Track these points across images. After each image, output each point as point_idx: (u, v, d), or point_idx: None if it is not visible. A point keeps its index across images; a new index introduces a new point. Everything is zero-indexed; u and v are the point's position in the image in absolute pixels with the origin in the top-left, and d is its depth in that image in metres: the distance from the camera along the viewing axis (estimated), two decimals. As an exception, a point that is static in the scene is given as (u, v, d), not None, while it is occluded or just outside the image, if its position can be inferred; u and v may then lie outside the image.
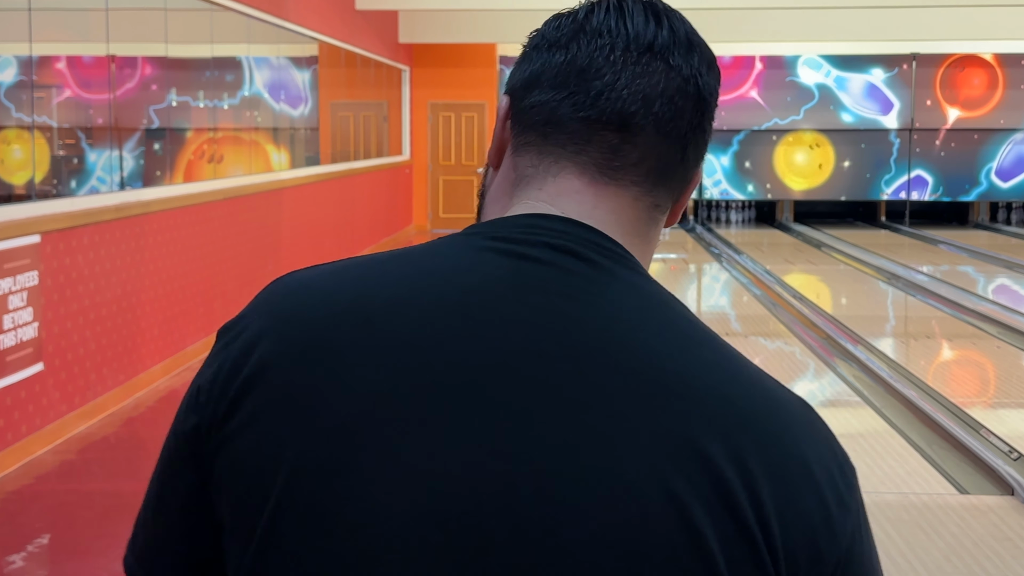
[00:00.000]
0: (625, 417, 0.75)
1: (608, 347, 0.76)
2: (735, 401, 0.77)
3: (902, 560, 3.49)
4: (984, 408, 5.57)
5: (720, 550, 0.74)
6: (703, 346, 0.79)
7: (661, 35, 0.83)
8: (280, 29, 8.89)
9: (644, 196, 0.84)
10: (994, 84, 15.03)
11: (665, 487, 0.73)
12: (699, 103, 0.84)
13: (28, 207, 5.07)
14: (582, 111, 0.82)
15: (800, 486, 0.78)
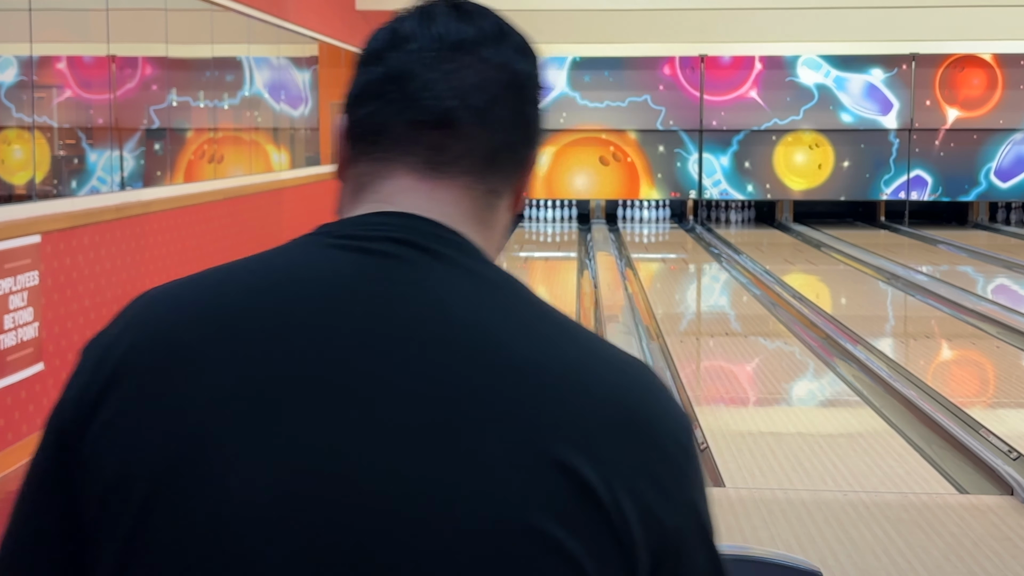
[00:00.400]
0: (471, 407, 0.77)
1: (453, 335, 0.80)
2: (582, 385, 0.80)
3: (901, 560, 3.50)
4: (984, 408, 5.58)
5: (579, 545, 0.76)
6: (546, 329, 0.83)
7: (468, 31, 0.88)
8: (280, 29, 8.89)
9: (477, 184, 0.87)
10: (993, 84, 15.04)
11: (518, 477, 0.76)
12: (517, 88, 0.89)
13: (28, 207, 5.08)
14: (403, 115, 0.86)
15: (651, 464, 0.80)
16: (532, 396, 0.79)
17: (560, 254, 12.87)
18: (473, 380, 0.78)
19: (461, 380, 0.78)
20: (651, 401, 0.83)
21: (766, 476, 4.38)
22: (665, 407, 0.84)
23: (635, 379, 0.84)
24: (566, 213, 15.85)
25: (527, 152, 0.91)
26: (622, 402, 0.81)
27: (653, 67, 15.10)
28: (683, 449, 0.83)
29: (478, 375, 0.79)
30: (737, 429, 5.13)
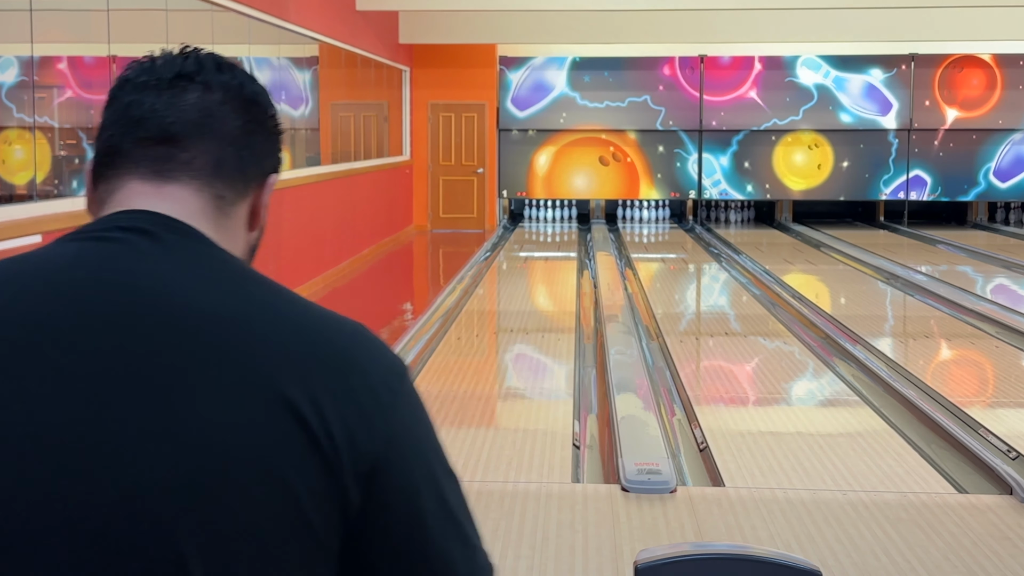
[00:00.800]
0: (191, 369, 0.90)
1: (161, 300, 0.92)
2: (291, 333, 0.94)
3: (901, 559, 3.51)
4: (983, 407, 5.59)
5: (292, 471, 0.90)
6: (262, 293, 0.96)
7: (189, 64, 1.04)
8: (281, 30, 8.90)
9: (204, 188, 1.02)
10: (992, 84, 15.05)
11: (243, 424, 0.89)
12: (240, 108, 1.04)
13: (29, 207, 5.09)
14: (131, 135, 1.02)
15: (356, 397, 0.93)
16: (243, 344, 0.91)
17: (560, 254, 12.88)
18: (183, 336, 0.91)
19: (169, 337, 0.91)
20: (359, 347, 0.96)
21: (766, 476, 4.39)
22: (373, 353, 0.97)
23: (346, 329, 0.97)
24: (566, 213, 15.86)
25: (255, 170, 1.06)
26: (331, 345, 0.95)
27: (653, 67, 15.11)
28: (388, 387, 0.96)
29: (187, 332, 0.91)
30: (737, 429, 5.14)
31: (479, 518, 1.02)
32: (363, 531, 0.94)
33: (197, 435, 0.88)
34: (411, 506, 0.96)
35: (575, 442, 4.90)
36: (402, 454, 0.96)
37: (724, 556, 1.65)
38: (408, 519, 0.96)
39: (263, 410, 0.90)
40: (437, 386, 5.96)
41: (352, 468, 0.92)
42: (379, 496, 0.94)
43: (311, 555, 0.92)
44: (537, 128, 15.21)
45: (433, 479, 0.98)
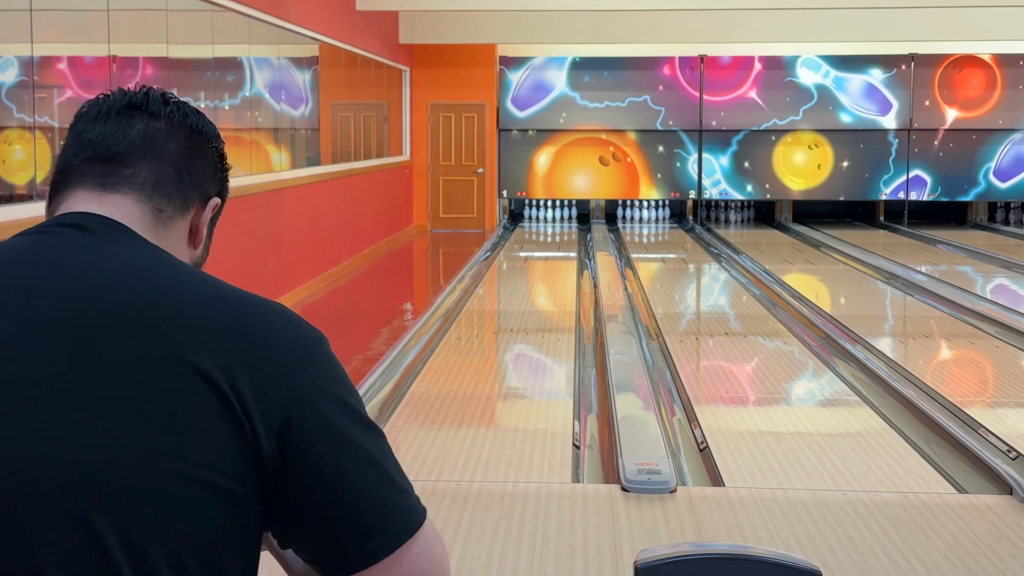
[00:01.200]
0: (107, 335, 1.03)
1: (95, 286, 1.06)
2: (206, 318, 1.06)
3: (901, 559, 3.51)
4: (983, 407, 5.59)
5: (202, 421, 1.03)
6: (187, 281, 1.10)
7: (137, 98, 1.20)
8: (281, 30, 8.90)
9: (145, 201, 1.17)
10: (992, 84, 15.05)
11: (166, 389, 1.02)
12: (187, 135, 1.21)
13: (30, 207, 5.09)
14: (80, 155, 1.17)
15: (265, 359, 1.06)
16: (167, 323, 1.05)
17: (560, 254, 12.88)
18: (104, 308, 1.05)
19: (92, 314, 1.05)
20: (272, 320, 1.10)
21: (765, 475, 4.39)
22: (286, 324, 1.11)
23: (262, 305, 1.11)
24: (566, 213, 15.86)
25: (194, 191, 1.21)
26: (242, 319, 1.08)
27: (653, 67, 15.12)
28: (299, 350, 1.09)
29: (108, 304, 1.05)
30: (736, 429, 5.14)
31: (479, 518, 1.03)
32: (285, 480, 1.07)
33: (108, 392, 1.01)
34: (328, 455, 1.07)
35: (575, 442, 4.90)
36: (314, 408, 1.07)
37: (724, 556, 1.65)
38: (326, 467, 1.07)
39: (171, 373, 1.03)
40: (437, 386, 5.96)
41: (264, 423, 1.05)
42: (294, 447, 1.06)
43: (226, 503, 1.04)
44: (537, 128, 15.21)
45: (347, 430, 1.09)
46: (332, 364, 1.12)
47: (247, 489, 1.06)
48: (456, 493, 4.09)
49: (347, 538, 1.09)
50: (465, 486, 4.18)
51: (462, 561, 3.47)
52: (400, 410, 5.39)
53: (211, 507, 1.04)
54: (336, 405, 1.10)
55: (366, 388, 5.76)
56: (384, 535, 1.09)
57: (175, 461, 1.02)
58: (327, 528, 1.09)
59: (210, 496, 1.03)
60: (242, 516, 1.06)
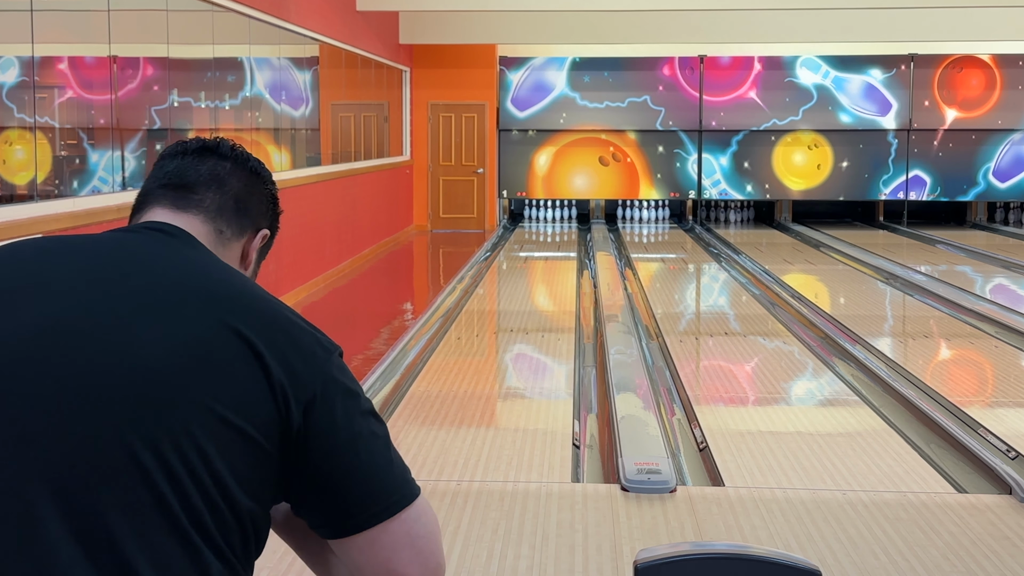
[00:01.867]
0: (173, 296, 1.29)
1: (163, 265, 1.33)
2: (254, 303, 1.31)
3: (900, 559, 3.52)
4: (982, 407, 5.60)
5: (243, 380, 1.26)
6: (241, 279, 1.36)
7: (210, 143, 1.50)
8: (281, 30, 8.91)
9: (209, 222, 1.44)
10: (992, 85, 15.06)
11: (217, 341, 1.26)
12: (248, 175, 1.50)
13: (30, 207, 5.10)
14: (159, 183, 1.46)
15: (295, 347, 1.30)
16: (230, 304, 1.29)
17: (560, 254, 12.89)
18: (175, 284, 1.31)
19: (167, 283, 1.31)
20: (302, 323, 1.34)
21: (765, 475, 4.40)
22: (313, 329, 1.34)
23: (295, 314, 1.34)
24: (566, 213, 15.87)
25: (248, 221, 1.48)
26: (280, 312, 1.32)
27: (652, 68, 15.12)
28: (324, 348, 1.32)
29: (178, 282, 1.31)
30: (736, 428, 5.15)
31: (479, 518, 1.04)
32: (307, 448, 1.28)
33: (173, 340, 1.25)
34: (345, 434, 1.29)
35: (575, 442, 4.91)
36: (334, 393, 1.30)
37: (724, 556, 1.65)
38: (342, 441, 1.29)
39: (224, 335, 1.26)
40: (437, 386, 5.97)
41: (294, 396, 1.27)
42: (317, 421, 1.28)
43: (250, 448, 1.25)
44: (537, 128, 15.22)
45: (361, 416, 1.32)
46: (347, 369, 1.34)
47: (270, 444, 1.26)
48: (456, 493, 4.10)
49: (353, 502, 1.29)
50: (465, 486, 4.19)
51: (462, 560, 3.48)
52: (400, 410, 5.40)
53: (237, 448, 1.24)
54: (352, 396, 1.32)
55: (366, 388, 5.77)
56: (386, 501, 1.30)
57: (208, 398, 1.23)
58: (338, 492, 1.29)
59: (236, 438, 1.24)
60: (264, 467, 1.27)
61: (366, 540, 1.31)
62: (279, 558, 3.50)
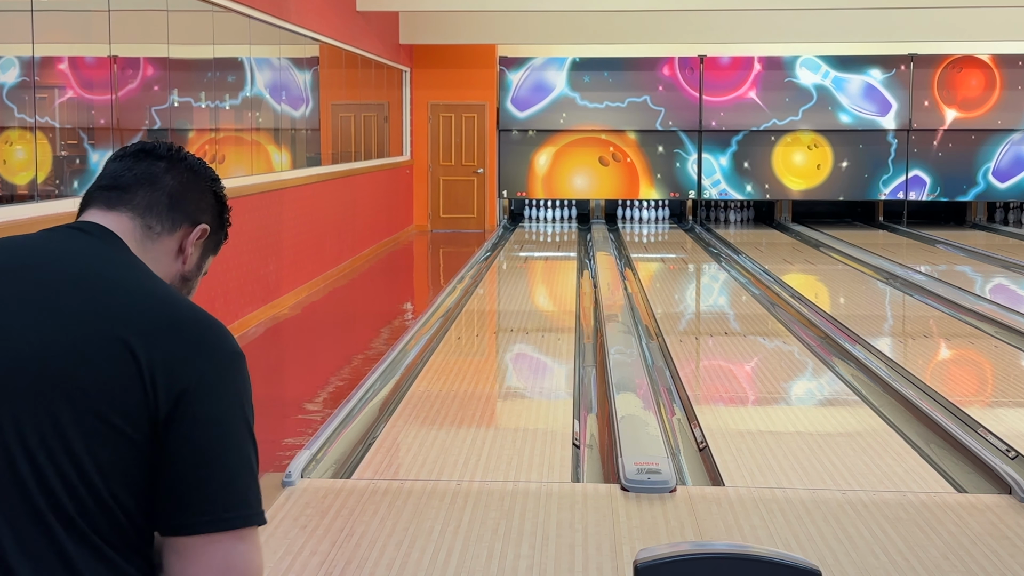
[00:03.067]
0: (64, 299, 1.34)
1: (72, 268, 1.38)
2: (143, 300, 1.37)
3: (900, 559, 3.52)
4: (982, 407, 5.60)
5: (117, 379, 1.30)
6: (147, 280, 1.41)
7: (148, 145, 1.55)
8: (281, 30, 8.91)
9: (136, 218, 1.49)
10: (991, 85, 15.07)
11: (93, 336, 1.32)
12: (183, 172, 1.53)
13: (30, 207, 5.10)
14: (96, 186, 1.53)
15: (173, 338, 1.34)
16: (114, 302, 1.35)
17: (560, 254, 12.90)
18: (68, 279, 1.37)
19: (62, 278, 1.37)
20: (203, 327, 1.37)
21: (765, 475, 4.40)
22: (214, 333, 1.37)
23: (198, 315, 1.39)
24: (566, 213, 15.87)
25: (182, 216, 1.52)
26: (176, 318, 1.36)
27: (652, 68, 15.13)
28: (217, 352, 1.36)
29: (81, 288, 1.36)
30: (736, 428, 5.15)
31: (479, 517, 1.05)
32: (166, 437, 1.30)
33: (54, 336, 1.31)
34: (208, 431, 1.31)
35: (575, 442, 4.91)
36: (208, 393, 1.32)
37: (724, 555, 1.66)
38: (203, 439, 1.31)
39: (104, 340, 1.31)
40: (437, 386, 5.97)
41: (165, 385, 1.30)
42: (183, 414, 1.31)
43: (120, 444, 1.29)
44: (537, 128, 15.22)
45: (234, 423, 1.34)
46: (241, 376, 1.38)
47: (139, 434, 1.30)
48: (456, 493, 4.10)
49: (189, 499, 1.30)
50: (465, 486, 4.19)
51: (462, 561, 3.48)
52: (400, 410, 5.40)
53: (101, 439, 1.29)
54: (231, 402, 1.35)
55: (366, 388, 5.77)
56: (220, 513, 1.30)
57: (75, 390, 1.29)
58: (178, 484, 1.30)
59: (102, 428, 1.29)
60: (132, 456, 1.30)
61: (183, 546, 1.29)
62: (279, 558, 3.50)
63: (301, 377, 6.80)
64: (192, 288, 1.57)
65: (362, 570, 3.41)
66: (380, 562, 3.46)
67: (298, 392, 6.34)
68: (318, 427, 5.00)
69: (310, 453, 4.46)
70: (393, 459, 4.67)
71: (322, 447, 4.67)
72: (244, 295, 7.77)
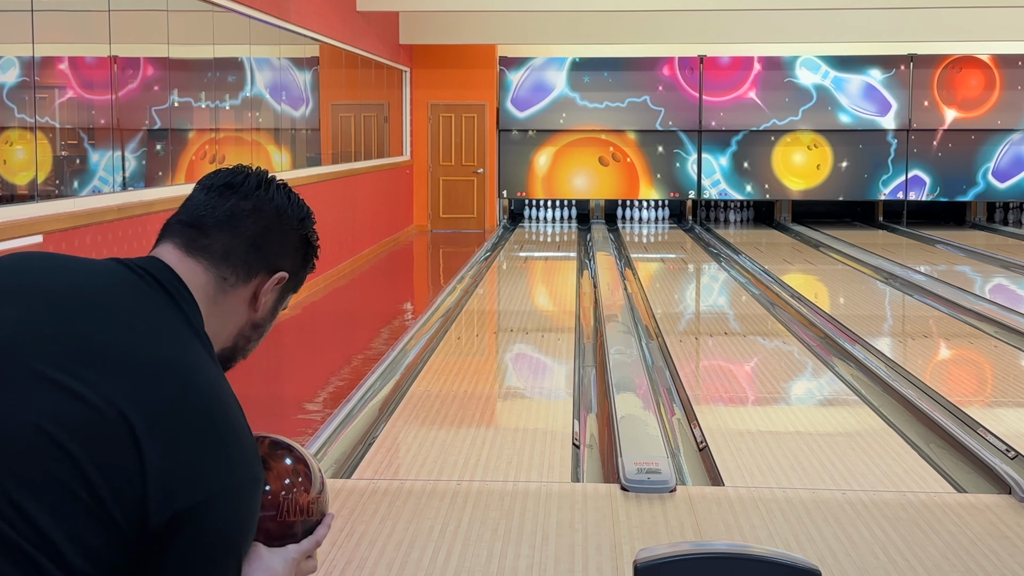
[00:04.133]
0: (89, 365, 1.25)
1: (102, 329, 1.29)
2: (155, 378, 1.27)
3: (900, 558, 3.52)
4: (981, 407, 5.61)
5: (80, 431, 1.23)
6: (174, 349, 1.31)
7: (237, 179, 1.46)
8: (281, 30, 8.92)
9: (212, 268, 1.41)
10: (991, 85, 15.07)
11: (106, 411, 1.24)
12: (269, 216, 1.47)
13: (31, 207, 5.10)
14: (177, 218, 1.45)
15: (191, 442, 1.27)
16: (135, 363, 1.26)
17: (560, 254, 12.90)
18: (99, 343, 1.27)
19: (94, 339, 1.27)
20: (228, 430, 1.29)
21: (765, 475, 4.41)
22: (236, 445, 1.29)
23: (223, 416, 1.30)
24: (566, 213, 15.87)
25: (261, 264, 1.45)
26: (198, 406, 1.28)
27: (652, 68, 15.13)
28: (233, 466, 1.28)
29: (103, 343, 1.27)
30: (736, 428, 5.15)
31: (479, 517, 1.06)
32: (159, 550, 1.24)
33: (51, 393, 1.23)
34: (199, 562, 1.26)
35: (575, 442, 4.92)
36: (214, 519, 1.25)
37: (723, 555, 1.66)
38: (190, 563, 1.26)
39: (110, 415, 1.22)
40: (437, 386, 5.98)
41: (161, 498, 1.22)
42: (176, 534, 1.23)
43: (103, 525, 1.21)
44: (537, 128, 15.23)
45: (225, 562, 1.28)
46: (247, 505, 1.30)
47: (128, 525, 1.22)
48: (456, 493, 4.10)
49: None
50: (465, 486, 4.19)
51: (462, 560, 3.49)
52: (400, 410, 5.40)
53: (83, 517, 1.20)
54: (224, 533, 1.27)
55: (366, 388, 5.77)
56: None
57: (68, 460, 1.21)
58: None
59: (91, 506, 1.21)
60: (110, 537, 1.22)
61: None
62: (280, 558, 3.50)
63: (301, 377, 6.80)
64: (263, 335, 1.50)
65: (362, 570, 3.41)
66: (380, 562, 3.46)
67: (298, 392, 6.35)
68: (318, 427, 5.01)
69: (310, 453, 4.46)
70: (393, 459, 4.67)
71: (322, 447, 4.67)
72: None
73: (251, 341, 1.49)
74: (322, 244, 1.62)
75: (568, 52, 15.04)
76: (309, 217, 1.54)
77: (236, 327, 1.44)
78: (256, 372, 7.02)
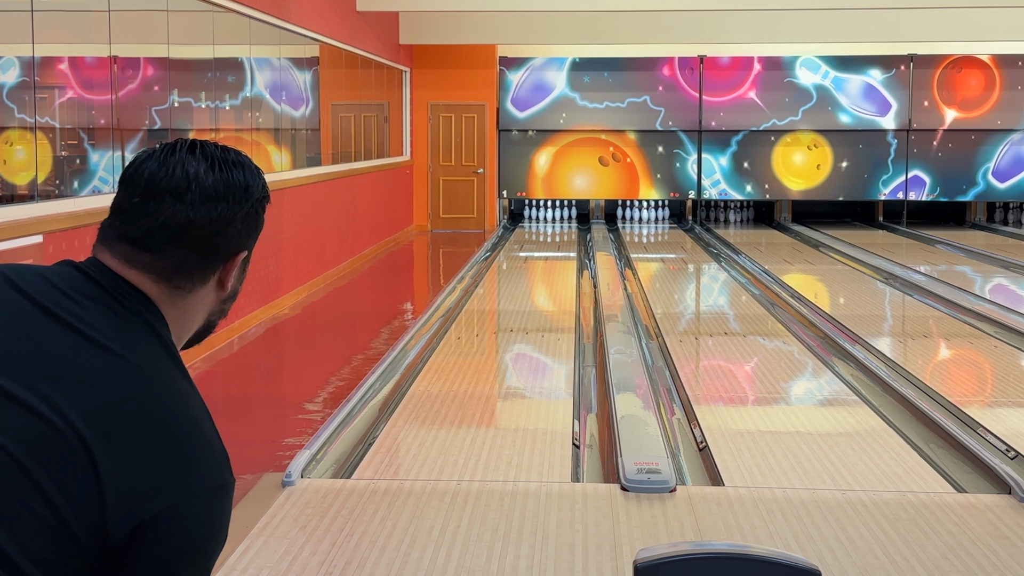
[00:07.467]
0: (43, 381, 1.20)
1: (56, 343, 1.23)
2: (118, 397, 1.22)
3: (900, 559, 3.53)
4: (981, 407, 5.61)
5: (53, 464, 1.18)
6: (124, 353, 1.24)
7: (174, 183, 1.30)
8: (281, 30, 8.92)
9: (162, 282, 1.30)
10: (991, 85, 15.07)
11: (60, 425, 1.19)
12: (212, 216, 1.31)
13: (31, 207, 5.10)
14: (110, 222, 1.32)
15: (147, 456, 1.22)
16: (86, 379, 1.21)
17: (560, 254, 12.90)
18: (54, 356, 1.22)
19: (49, 352, 1.22)
20: (195, 446, 1.24)
21: (765, 475, 4.41)
22: (198, 455, 1.24)
23: (185, 427, 1.24)
24: (566, 213, 15.87)
25: (218, 260, 1.33)
26: (155, 421, 1.22)
27: (652, 68, 15.13)
28: (196, 475, 1.22)
29: (54, 357, 1.22)
30: (736, 428, 5.15)
31: (479, 517, 1.05)
32: (120, 562, 1.19)
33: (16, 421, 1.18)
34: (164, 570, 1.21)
35: (575, 441, 4.92)
36: (179, 530, 1.20)
37: (723, 555, 1.66)
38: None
39: (57, 420, 1.18)
40: (437, 386, 5.98)
41: (120, 511, 1.18)
42: (141, 547, 1.19)
43: (61, 539, 1.17)
44: (537, 128, 15.23)
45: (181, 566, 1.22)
46: (215, 511, 1.24)
47: (89, 540, 1.18)
48: (456, 493, 4.10)
49: None
50: (465, 486, 4.19)
51: (462, 560, 3.49)
52: (400, 410, 5.40)
53: (41, 530, 1.16)
54: (197, 546, 1.22)
55: (366, 388, 5.77)
56: None
57: (26, 478, 1.17)
58: None
59: (50, 520, 1.17)
60: (70, 553, 1.18)
61: None
62: (279, 558, 3.51)
63: (301, 377, 6.80)
64: (235, 299, 1.42)
65: (362, 570, 3.41)
66: (380, 562, 3.46)
67: (298, 392, 6.35)
68: (318, 427, 5.01)
69: (310, 453, 4.47)
70: (393, 459, 4.67)
71: (322, 447, 4.67)
72: (244, 295, 7.78)
73: (224, 312, 1.42)
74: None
75: (568, 52, 15.05)
76: (267, 195, 1.41)
77: (206, 313, 1.36)
78: (256, 372, 7.02)
